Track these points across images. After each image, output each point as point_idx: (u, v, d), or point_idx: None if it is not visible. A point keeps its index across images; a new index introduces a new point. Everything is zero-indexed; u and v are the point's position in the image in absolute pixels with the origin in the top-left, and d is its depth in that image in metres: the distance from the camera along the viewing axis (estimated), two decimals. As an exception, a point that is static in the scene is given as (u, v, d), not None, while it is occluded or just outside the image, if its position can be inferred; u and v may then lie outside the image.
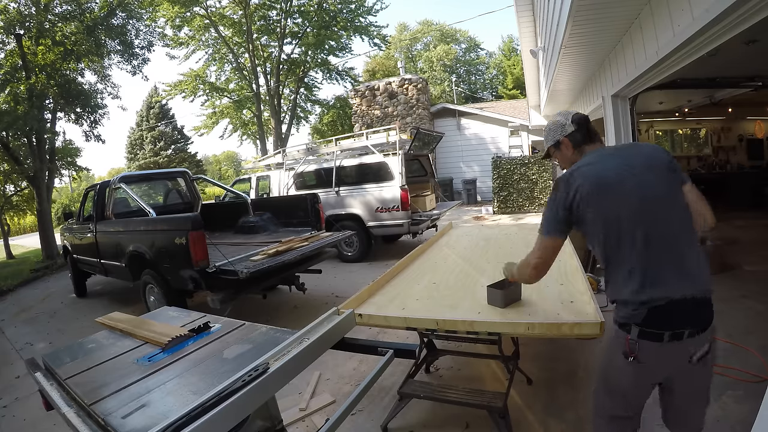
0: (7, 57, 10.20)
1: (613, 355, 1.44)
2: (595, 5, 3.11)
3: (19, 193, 12.94)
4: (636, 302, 1.32)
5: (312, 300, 5.07)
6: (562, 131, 1.60)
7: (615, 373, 1.47)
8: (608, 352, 1.51)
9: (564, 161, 1.64)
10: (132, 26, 12.00)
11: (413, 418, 2.46)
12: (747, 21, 2.20)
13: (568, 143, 1.59)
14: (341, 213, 6.99)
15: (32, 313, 6.25)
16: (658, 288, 1.30)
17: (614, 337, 1.42)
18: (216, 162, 51.25)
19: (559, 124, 1.62)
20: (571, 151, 1.59)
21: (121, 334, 1.97)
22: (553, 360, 3.01)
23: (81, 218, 5.99)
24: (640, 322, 1.32)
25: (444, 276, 2.77)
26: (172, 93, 19.08)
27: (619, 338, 1.39)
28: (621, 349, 1.37)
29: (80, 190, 20.37)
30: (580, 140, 1.57)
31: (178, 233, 3.67)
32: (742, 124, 9.20)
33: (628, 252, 1.35)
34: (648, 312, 1.30)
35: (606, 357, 1.55)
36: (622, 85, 4.18)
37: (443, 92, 29.98)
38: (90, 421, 1.28)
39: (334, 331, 1.72)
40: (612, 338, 1.44)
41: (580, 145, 1.57)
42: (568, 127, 1.59)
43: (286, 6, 17.44)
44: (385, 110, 15.47)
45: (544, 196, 10.74)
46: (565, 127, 1.60)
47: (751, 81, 5.64)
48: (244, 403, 1.20)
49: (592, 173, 1.42)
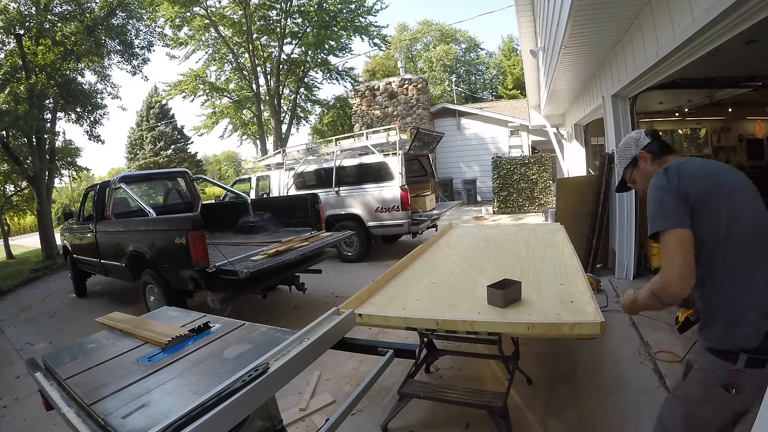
0: (7, 57, 10.20)
1: (704, 389, 1.26)
2: (595, 5, 3.11)
3: (19, 193, 12.94)
4: (758, 323, 1.14)
5: (312, 300, 5.07)
6: (637, 145, 1.51)
7: (705, 409, 1.28)
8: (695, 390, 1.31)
9: (644, 178, 1.50)
10: (132, 26, 12.01)
11: (413, 418, 2.46)
12: (747, 21, 2.20)
13: (646, 155, 1.48)
14: (341, 213, 6.99)
15: (32, 313, 6.25)
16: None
17: (707, 370, 1.25)
18: (216, 162, 51.25)
19: (632, 140, 1.53)
20: (650, 163, 1.47)
21: (121, 334, 1.97)
22: (553, 360, 3.01)
23: (81, 218, 5.99)
24: (755, 347, 1.14)
25: (444, 276, 2.77)
26: (172, 93, 19.08)
27: (717, 370, 1.21)
28: (720, 382, 1.20)
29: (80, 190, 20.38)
30: (658, 151, 1.47)
31: (178, 233, 3.67)
32: (742, 124, 9.19)
33: (753, 264, 1.18)
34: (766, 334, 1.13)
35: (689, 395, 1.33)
36: (622, 85, 4.19)
37: (443, 92, 29.98)
38: (90, 421, 1.28)
39: (334, 331, 1.72)
40: (702, 372, 1.27)
41: (660, 156, 1.46)
42: (643, 140, 1.50)
43: (286, 6, 17.44)
44: (385, 110, 15.47)
45: (544, 196, 10.74)
46: (639, 140, 1.51)
47: (751, 81, 5.64)
48: (244, 403, 1.20)
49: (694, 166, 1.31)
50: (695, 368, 1.29)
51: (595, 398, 2.51)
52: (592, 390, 2.60)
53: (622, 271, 4.78)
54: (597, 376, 2.77)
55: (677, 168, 1.31)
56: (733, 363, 1.17)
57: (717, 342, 1.22)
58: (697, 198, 1.25)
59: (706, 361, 1.25)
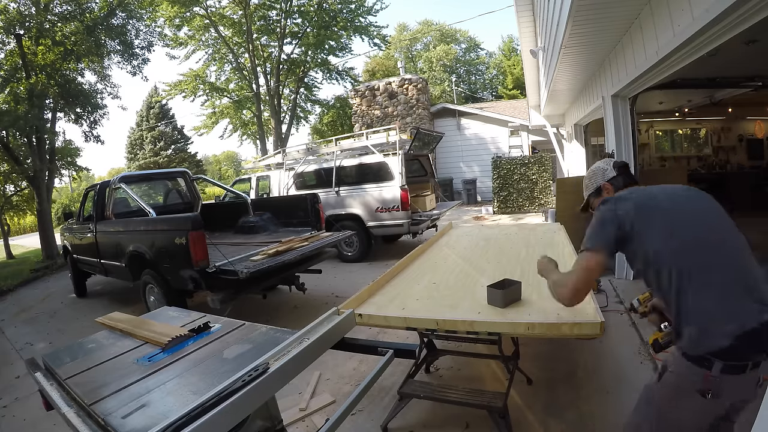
0: (7, 57, 10.20)
1: (679, 394, 1.28)
2: (595, 5, 3.11)
3: (19, 193, 12.93)
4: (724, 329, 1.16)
5: (312, 300, 5.07)
6: (603, 177, 1.61)
7: (679, 414, 1.29)
8: (667, 392, 1.32)
9: None
10: (132, 26, 12.02)
11: (413, 418, 2.46)
12: (747, 21, 2.20)
13: (609, 187, 1.59)
14: (341, 213, 6.99)
15: (32, 313, 6.25)
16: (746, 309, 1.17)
17: (681, 374, 1.26)
18: (216, 162, 51.25)
19: (600, 170, 1.63)
20: (612, 194, 1.56)
21: (121, 334, 1.97)
22: (553, 360, 3.01)
23: (81, 218, 5.99)
24: (726, 354, 1.15)
25: (444, 276, 2.77)
26: (172, 93, 19.08)
27: (692, 375, 1.22)
28: (695, 387, 1.21)
29: (80, 190, 20.37)
30: (621, 184, 1.57)
31: (178, 233, 3.67)
32: (742, 124, 9.19)
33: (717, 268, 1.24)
34: (737, 340, 1.15)
35: (663, 397, 1.33)
36: (622, 85, 4.19)
37: (443, 92, 29.99)
38: (90, 421, 1.28)
39: (334, 331, 1.72)
40: (675, 375, 1.28)
41: (622, 189, 1.55)
42: (609, 172, 1.59)
43: (286, 6, 17.44)
44: (385, 110, 15.47)
45: (544, 196, 10.74)
46: (606, 172, 1.60)
47: (751, 81, 5.64)
48: (244, 403, 1.20)
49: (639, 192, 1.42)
50: (669, 371, 1.31)
51: (595, 398, 2.51)
52: (592, 390, 2.60)
53: (622, 271, 4.78)
54: (597, 376, 2.77)
55: (621, 196, 1.44)
56: (708, 369, 1.18)
57: (688, 347, 1.24)
58: (638, 220, 1.35)
59: (681, 365, 1.26)
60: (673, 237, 1.30)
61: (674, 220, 1.33)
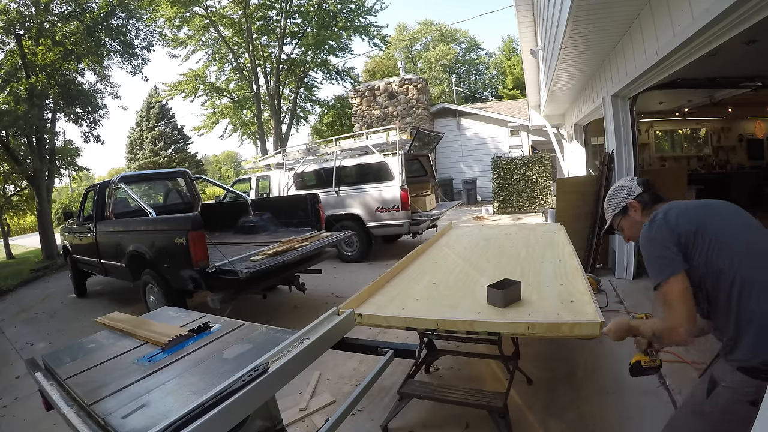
0: (7, 57, 10.20)
1: (736, 406, 1.26)
2: (595, 5, 3.11)
3: (19, 193, 12.94)
4: None
5: (312, 300, 5.07)
6: (629, 194, 1.53)
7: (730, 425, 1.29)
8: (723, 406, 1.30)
9: (632, 226, 1.54)
10: (132, 26, 12.02)
11: (413, 418, 2.46)
12: (747, 21, 2.20)
13: (636, 205, 1.51)
14: (341, 213, 6.99)
15: (32, 313, 6.25)
16: None
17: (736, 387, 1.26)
18: (216, 162, 51.25)
19: (623, 189, 1.55)
20: (640, 214, 1.50)
21: (121, 334, 1.97)
22: (553, 360, 3.01)
23: (81, 218, 5.99)
24: None
25: (444, 276, 2.77)
26: (172, 93, 19.08)
27: (746, 387, 1.23)
28: (747, 398, 1.21)
29: (80, 190, 20.37)
30: (648, 201, 1.50)
31: (178, 233, 3.67)
32: (742, 124, 9.19)
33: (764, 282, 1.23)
34: None
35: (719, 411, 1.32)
36: (622, 85, 4.19)
37: (443, 92, 29.99)
38: (90, 421, 1.28)
39: (334, 331, 1.72)
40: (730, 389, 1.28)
41: (650, 206, 1.49)
42: (635, 189, 1.51)
43: (286, 6, 17.44)
44: (385, 110, 15.47)
45: (544, 196, 10.74)
46: (631, 190, 1.52)
47: (751, 81, 5.64)
48: (244, 403, 1.20)
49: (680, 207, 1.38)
50: (723, 386, 1.31)
51: (595, 398, 2.51)
52: (592, 390, 2.60)
53: (622, 271, 4.78)
54: (597, 376, 2.77)
55: (664, 215, 1.38)
56: (763, 380, 1.20)
57: (744, 361, 1.26)
58: (690, 234, 1.31)
59: (735, 380, 1.27)
60: (730, 248, 1.29)
61: (727, 232, 1.32)
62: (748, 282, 1.25)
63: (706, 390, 1.36)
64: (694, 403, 1.42)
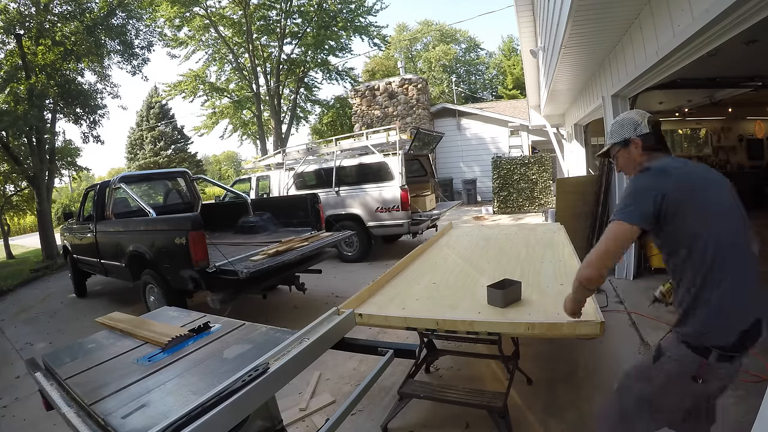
0: (7, 57, 10.20)
1: (674, 378, 1.32)
2: (595, 5, 3.11)
3: (19, 193, 12.94)
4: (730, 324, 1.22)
5: (312, 300, 5.07)
6: (635, 130, 1.48)
7: (671, 397, 1.35)
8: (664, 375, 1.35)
9: (628, 163, 1.52)
10: (132, 26, 12.02)
11: (413, 418, 2.46)
12: (747, 21, 2.20)
13: (638, 143, 1.47)
14: (341, 213, 6.99)
15: (32, 313, 6.25)
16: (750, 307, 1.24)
17: (679, 360, 1.31)
18: (216, 162, 51.24)
19: (632, 121, 1.49)
20: (639, 153, 1.47)
21: (121, 334, 1.97)
22: (553, 360, 3.01)
23: (81, 218, 5.99)
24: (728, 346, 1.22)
25: (444, 276, 2.77)
26: (172, 93, 19.06)
27: (689, 362, 1.28)
28: (690, 373, 1.28)
29: (80, 190, 20.38)
30: (652, 144, 1.46)
31: (178, 233, 3.67)
32: (742, 124, 9.19)
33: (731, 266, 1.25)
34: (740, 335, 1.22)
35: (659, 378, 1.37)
36: (622, 85, 4.19)
37: (443, 92, 29.98)
38: (90, 421, 1.28)
39: (334, 331, 1.72)
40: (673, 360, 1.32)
41: (651, 149, 1.46)
42: (643, 127, 1.47)
43: (286, 6, 17.44)
44: (385, 110, 15.47)
45: (544, 196, 10.74)
46: (639, 126, 1.48)
47: (751, 81, 5.64)
48: (244, 403, 1.20)
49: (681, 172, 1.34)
50: (667, 355, 1.34)
51: (595, 398, 2.51)
52: (592, 390, 2.60)
53: (622, 271, 4.78)
54: (597, 376, 2.77)
55: (663, 170, 1.36)
56: (705, 358, 1.24)
57: (692, 338, 1.28)
58: (680, 199, 1.29)
59: (679, 352, 1.31)
60: (714, 220, 1.29)
61: (714, 203, 1.31)
62: (718, 264, 1.26)
63: (653, 357, 1.39)
64: (641, 368, 1.46)
